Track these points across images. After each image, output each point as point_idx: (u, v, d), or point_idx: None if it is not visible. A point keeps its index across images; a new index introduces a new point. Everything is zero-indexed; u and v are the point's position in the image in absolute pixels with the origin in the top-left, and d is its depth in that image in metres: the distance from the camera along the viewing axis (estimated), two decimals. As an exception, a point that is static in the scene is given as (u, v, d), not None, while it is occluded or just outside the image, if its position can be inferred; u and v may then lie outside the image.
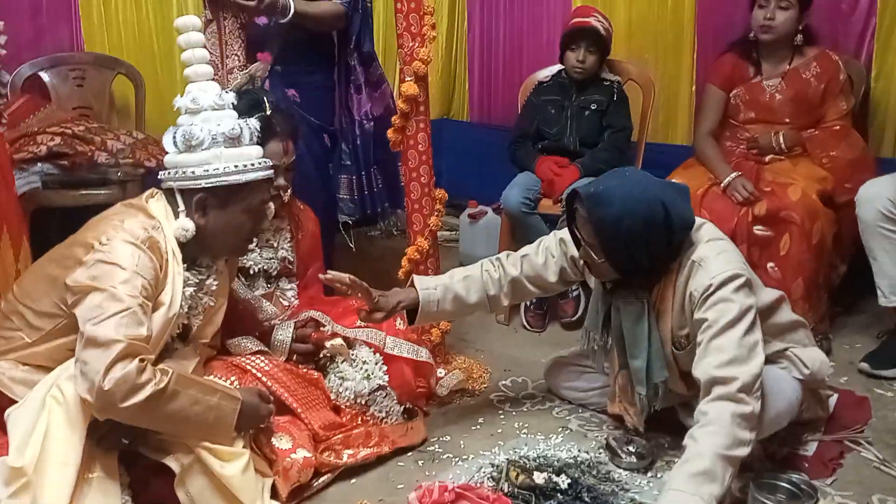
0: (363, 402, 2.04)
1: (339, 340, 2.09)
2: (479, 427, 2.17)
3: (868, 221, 2.37)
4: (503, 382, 2.44)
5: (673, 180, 1.90)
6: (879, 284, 2.41)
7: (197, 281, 1.75)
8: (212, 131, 1.68)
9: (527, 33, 3.79)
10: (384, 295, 2.00)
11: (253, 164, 1.72)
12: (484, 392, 2.38)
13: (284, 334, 2.04)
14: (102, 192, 2.73)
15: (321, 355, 2.09)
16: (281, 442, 1.80)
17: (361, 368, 2.08)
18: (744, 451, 1.65)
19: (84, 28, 3.22)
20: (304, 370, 2.02)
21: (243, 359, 1.92)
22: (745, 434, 1.65)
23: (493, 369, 2.52)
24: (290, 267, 2.19)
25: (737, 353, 1.70)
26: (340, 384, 2.04)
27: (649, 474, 1.94)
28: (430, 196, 2.37)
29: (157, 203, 1.72)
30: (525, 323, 2.88)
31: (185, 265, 1.71)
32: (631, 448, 1.99)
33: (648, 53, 3.34)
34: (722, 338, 1.71)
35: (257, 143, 1.77)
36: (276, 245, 2.17)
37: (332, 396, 2.03)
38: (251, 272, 2.12)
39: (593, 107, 2.86)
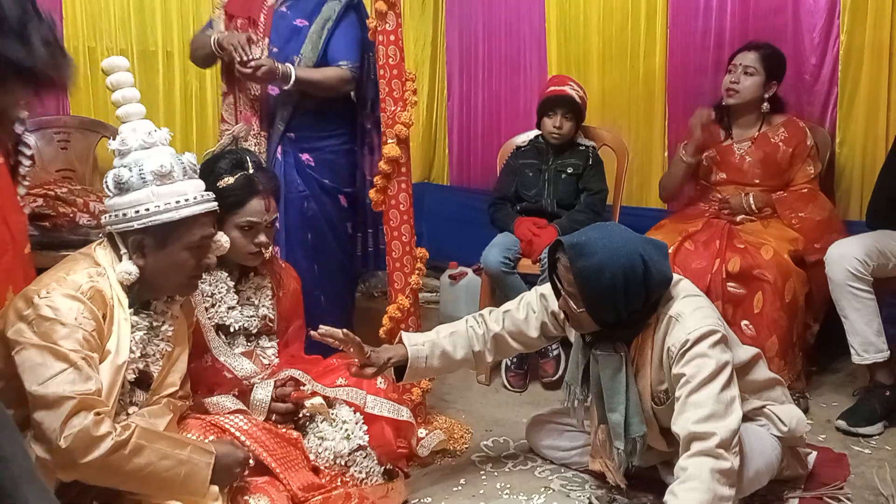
0: (343, 463, 2.02)
1: (318, 399, 2.07)
2: (460, 488, 2.15)
3: (838, 281, 2.43)
4: (485, 443, 2.43)
5: (651, 237, 1.95)
6: (852, 342, 2.45)
7: (147, 325, 1.72)
8: (140, 171, 1.64)
9: (504, 101, 3.92)
10: (375, 351, 2.02)
11: (187, 200, 1.67)
12: (465, 452, 2.37)
13: (264, 394, 2.02)
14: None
15: (301, 415, 2.07)
16: (259, 503, 1.76)
17: (341, 428, 2.06)
18: None
19: (70, 92, 3.27)
20: (284, 430, 1.99)
21: (221, 418, 1.90)
22: (724, 490, 1.66)
23: (475, 429, 2.51)
24: (271, 325, 2.18)
25: (714, 408, 1.71)
26: (320, 444, 2.01)
27: (632, 534, 1.93)
28: (411, 255, 2.40)
29: (103, 250, 1.69)
30: (506, 383, 2.88)
31: (133, 309, 1.69)
32: (613, 507, 1.98)
33: (621, 120, 3.46)
34: (699, 393, 1.73)
35: (195, 178, 1.74)
36: (256, 303, 2.17)
37: (312, 457, 2.00)
38: (231, 330, 2.10)
39: (569, 170, 2.94)
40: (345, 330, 1.98)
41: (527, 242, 2.83)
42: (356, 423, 2.08)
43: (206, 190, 2.07)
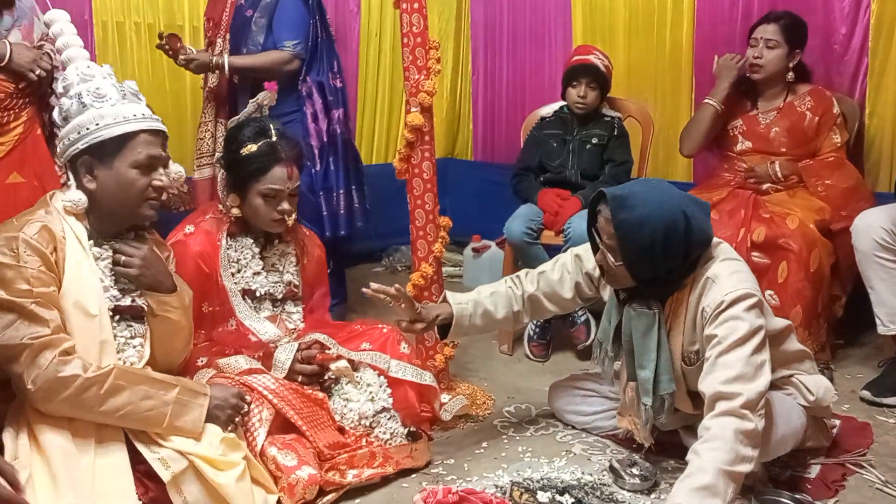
0: (367, 424, 2.06)
1: (343, 363, 2.12)
2: (482, 451, 2.18)
3: (864, 251, 2.41)
4: (507, 409, 2.45)
5: (695, 195, 1.93)
6: (878, 313, 2.44)
7: (110, 254, 1.75)
8: (80, 97, 1.70)
9: (529, 74, 3.91)
10: (424, 307, 2.07)
11: (126, 118, 1.71)
12: (487, 418, 2.39)
13: (285, 355, 2.04)
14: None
15: (326, 377, 2.11)
16: (286, 459, 1.80)
17: (366, 391, 2.10)
18: (746, 468, 1.65)
19: (99, 67, 3.32)
20: (310, 391, 2.03)
21: (250, 377, 1.94)
22: (747, 451, 1.66)
23: (497, 397, 2.53)
24: (296, 290, 2.22)
25: (744, 370, 1.71)
26: (345, 405, 2.06)
27: (653, 496, 1.94)
28: (434, 223, 2.41)
29: (61, 192, 1.75)
30: (528, 353, 2.90)
31: (94, 241, 1.73)
32: (634, 470, 1.99)
33: (648, 93, 3.44)
34: (730, 355, 1.72)
35: (136, 101, 1.77)
36: (281, 269, 2.21)
37: (337, 418, 2.04)
38: (257, 294, 2.14)
39: (594, 140, 2.93)
40: (397, 285, 2.02)
41: (551, 214, 2.82)
42: (380, 386, 2.12)
43: (227, 157, 2.13)
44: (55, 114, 1.77)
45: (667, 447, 2.11)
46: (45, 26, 2.70)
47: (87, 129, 1.69)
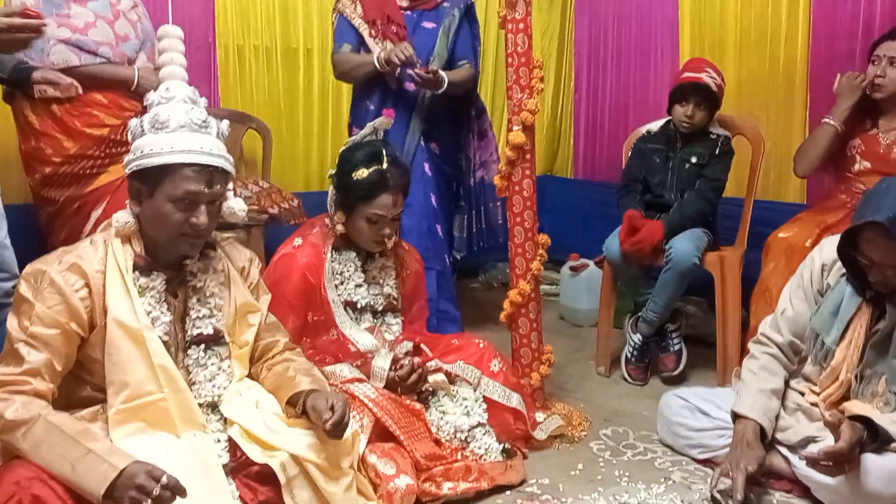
0: (463, 438, 2.08)
1: (440, 376, 2.15)
2: (578, 472, 2.15)
3: None
4: (603, 431, 2.41)
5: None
6: None
7: (159, 286, 1.67)
8: (144, 120, 1.66)
9: (633, 91, 3.86)
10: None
11: (172, 149, 1.61)
12: (583, 440, 2.36)
13: (383, 362, 2.09)
14: (228, 234, 2.89)
15: (423, 389, 2.15)
16: (385, 467, 1.84)
17: (462, 405, 2.13)
18: None
19: (220, 87, 3.52)
20: (408, 402, 2.08)
21: (351, 386, 2.01)
22: None
23: (594, 418, 2.50)
24: (395, 303, 2.28)
25: None
26: (441, 418, 2.09)
27: (755, 530, 1.87)
28: (533, 241, 2.42)
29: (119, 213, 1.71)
30: (626, 375, 2.85)
31: (139, 272, 1.65)
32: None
33: (759, 110, 3.31)
34: None
35: (198, 132, 1.66)
36: (381, 282, 2.27)
37: (433, 430, 2.07)
38: (358, 306, 2.21)
39: (693, 160, 2.83)
40: None
41: (628, 231, 2.74)
42: (476, 401, 2.14)
43: (338, 177, 2.19)
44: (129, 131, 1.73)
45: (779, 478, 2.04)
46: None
47: (140, 153, 1.63)
